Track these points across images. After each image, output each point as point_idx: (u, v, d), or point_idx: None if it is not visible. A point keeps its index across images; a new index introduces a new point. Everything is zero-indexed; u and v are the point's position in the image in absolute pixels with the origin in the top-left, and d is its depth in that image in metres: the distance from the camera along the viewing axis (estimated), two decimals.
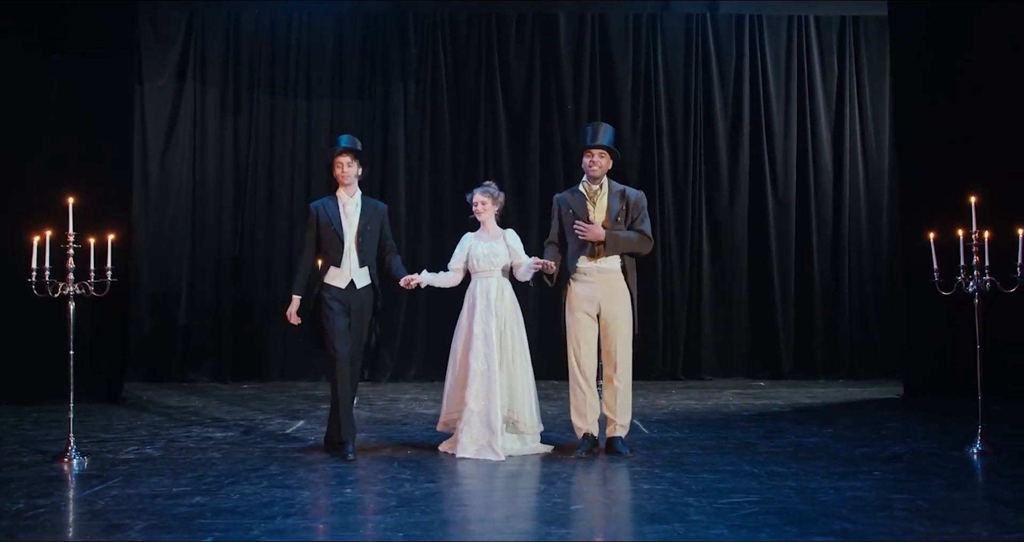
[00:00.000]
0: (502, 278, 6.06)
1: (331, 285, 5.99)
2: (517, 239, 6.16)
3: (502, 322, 5.96)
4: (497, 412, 5.80)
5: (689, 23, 10.69)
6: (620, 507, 4.82)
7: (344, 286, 5.98)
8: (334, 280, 5.99)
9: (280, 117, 10.52)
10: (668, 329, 10.43)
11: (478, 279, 6.06)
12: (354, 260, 5.99)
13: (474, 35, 10.61)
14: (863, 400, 8.66)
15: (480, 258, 6.03)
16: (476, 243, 6.10)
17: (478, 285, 6.04)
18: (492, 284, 6.01)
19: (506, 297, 6.03)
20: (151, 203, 10.32)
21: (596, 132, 5.99)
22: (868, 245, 10.68)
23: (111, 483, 5.08)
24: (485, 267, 6.03)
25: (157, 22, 10.39)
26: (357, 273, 6.01)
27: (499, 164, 10.49)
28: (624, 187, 6.07)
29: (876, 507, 4.55)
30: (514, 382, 5.95)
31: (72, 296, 5.85)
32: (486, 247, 6.05)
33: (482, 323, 5.92)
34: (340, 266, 5.98)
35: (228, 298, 10.33)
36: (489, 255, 6.02)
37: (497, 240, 6.09)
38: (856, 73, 10.73)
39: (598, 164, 5.95)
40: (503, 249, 6.06)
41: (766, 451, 6.04)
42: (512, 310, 6.04)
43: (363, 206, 6.07)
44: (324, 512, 4.63)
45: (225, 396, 8.98)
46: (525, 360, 6.04)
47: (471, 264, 6.08)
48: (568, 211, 5.99)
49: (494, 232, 6.13)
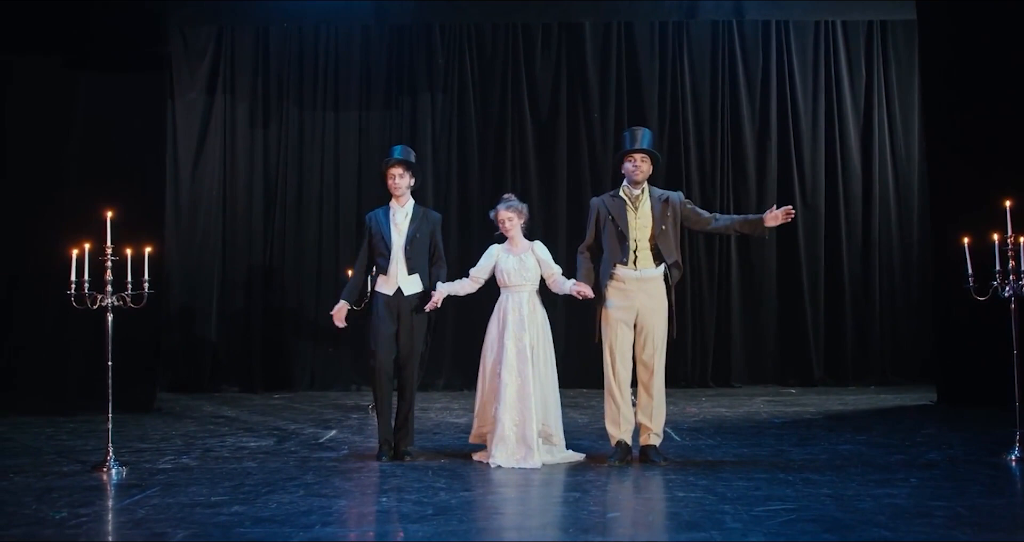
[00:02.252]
0: (533, 293, 6.05)
1: (380, 292, 6.11)
2: (546, 250, 6.14)
3: (535, 336, 5.96)
4: (533, 427, 5.80)
5: (715, 30, 10.69)
6: (656, 515, 4.81)
7: (392, 293, 6.06)
8: (382, 287, 6.11)
9: (309, 129, 10.62)
10: (697, 336, 10.40)
11: (509, 293, 6.03)
12: (402, 268, 6.06)
13: (500, 45, 10.66)
14: (896, 407, 8.60)
15: (511, 273, 6.01)
16: (505, 256, 6.07)
17: (509, 299, 6.02)
18: (524, 298, 5.99)
19: (537, 311, 6.02)
20: (182, 215, 10.44)
21: (636, 137, 5.97)
22: (899, 250, 10.61)
23: (150, 492, 5.14)
24: (517, 282, 6.01)
25: (187, 37, 10.53)
26: (405, 281, 6.06)
27: (527, 173, 10.53)
28: (666, 192, 6.01)
29: (915, 514, 4.51)
30: (547, 396, 5.97)
31: (110, 308, 5.92)
32: (516, 261, 6.03)
33: (515, 337, 5.91)
34: (387, 274, 6.07)
35: (258, 309, 10.42)
36: (520, 269, 6.00)
37: (526, 253, 6.07)
38: (884, 78, 10.68)
39: (640, 169, 5.92)
40: (533, 262, 6.04)
41: (800, 458, 6.00)
42: (543, 324, 6.04)
43: (413, 215, 6.15)
44: (362, 521, 4.66)
45: (256, 406, 9.05)
46: (554, 374, 6.06)
47: (501, 278, 6.06)
48: (608, 217, 5.93)
49: (523, 245, 6.10)
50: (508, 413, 5.83)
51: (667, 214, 5.89)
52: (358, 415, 8.23)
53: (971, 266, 6.14)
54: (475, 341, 6.53)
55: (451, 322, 10.23)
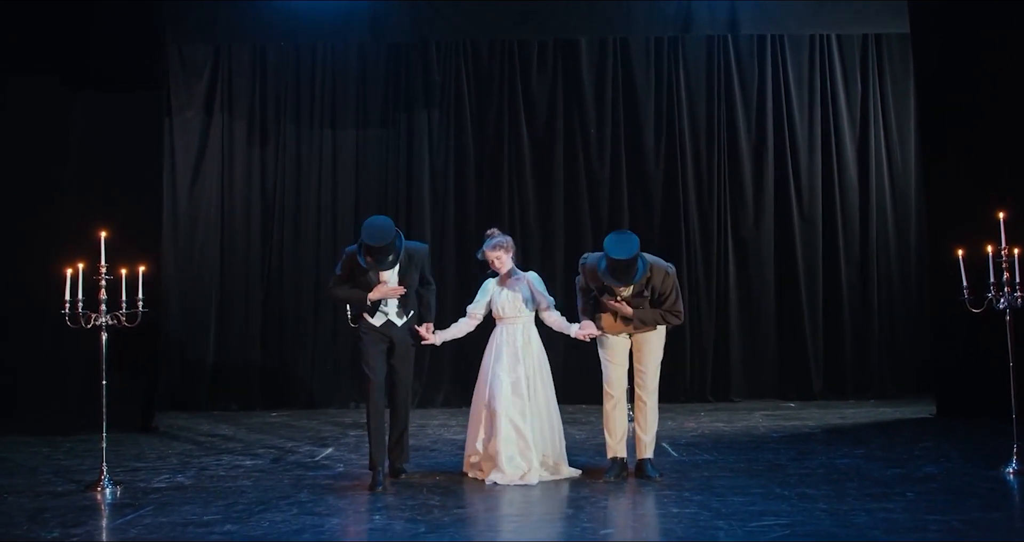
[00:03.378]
0: (528, 324, 6.04)
1: (369, 322, 5.96)
2: (540, 281, 6.13)
3: (530, 369, 5.95)
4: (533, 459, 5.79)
5: (710, 45, 10.71)
6: (650, 531, 4.80)
7: (379, 325, 5.96)
8: (371, 319, 5.96)
9: (306, 147, 10.64)
10: (696, 351, 10.37)
11: (503, 326, 6.03)
12: (392, 309, 5.97)
13: (496, 62, 10.69)
14: (895, 420, 8.56)
15: (505, 305, 6.00)
16: (499, 290, 6.07)
17: (504, 332, 6.01)
18: (518, 330, 5.99)
19: (532, 343, 6.03)
20: (180, 234, 10.45)
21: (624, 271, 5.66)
22: (896, 263, 10.59)
23: (143, 512, 5.12)
24: (511, 314, 6.00)
25: (184, 57, 10.57)
26: (394, 315, 5.98)
27: (523, 189, 10.54)
28: (653, 261, 5.84)
29: (910, 528, 4.49)
30: (548, 428, 5.96)
31: (104, 326, 5.93)
32: (510, 294, 6.02)
33: (508, 369, 5.91)
34: (374, 316, 5.95)
35: (256, 327, 10.40)
36: (514, 301, 6.00)
37: (521, 283, 6.07)
38: (880, 91, 10.69)
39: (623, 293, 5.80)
40: (528, 294, 6.04)
41: (797, 473, 5.98)
42: (539, 355, 6.03)
43: (400, 266, 5.91)
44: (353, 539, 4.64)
45: (254, 424, 9.03)
46: (554, 403, 6.06)
47: (496, 311, 6.05)
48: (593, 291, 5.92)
49: (516, 277, 6.10)
50: (504, 447, 5.80)
51: (646, 284, 5.77)
52: (356, 433, 8.20)
53: (966, 278, 6.14)
54: (474, 357, 6.52)
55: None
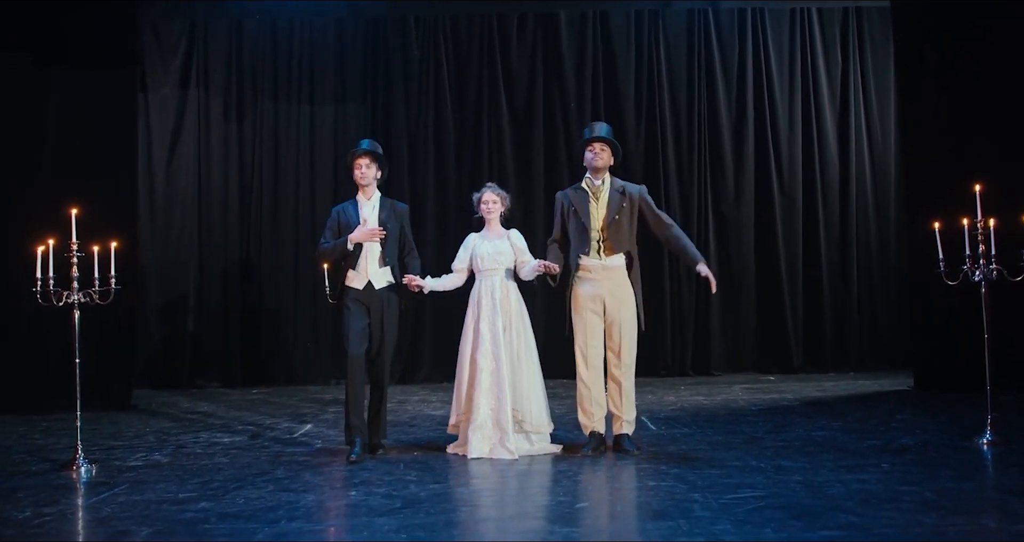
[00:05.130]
0: (506, 277, 6.06)
1: (350, 286, 6.04)
2: (521, 238, 6.17)
3: (507, 319, 5.96)
4: (507, 411, 5.81)
5: (691, 18, 10.65)
6: (625, 504, 4.81)
7: (362, 287, 6.02)
8: (352, 282, 6.05)
9: (284, 123, 10.55)
10: (676, 325, 10.39)
11: (482, 278, 6.06)
12: (372, 261, 6.03)
13: (475, 36, 10.60)
14: (873, 393, 8.62)
15: (484, 257, 6.03)
16: (480, 242, 6.11)
17: (483, 283, 6.04)
18: (496, 282, 6.01)
19: (511, 295, 6.03)
20: (157, 211, 10.36)
21: (594, 128, 6.09)
22: (876, 237, 10.62)
23: (118, 490, 5.10)
24: (490, 266, 6.03)
25: (159, 31, 10.43)
26: (375, 274, 6.03)
27: (503, 163, 10.49)
28: (624, 183, 6.07)
29: (883, 500, 4.52)
30: (519, 380, 5.94)
31: (77, 305, 5.87)
32: (490, 246, 6.06)
33: (488, 321, 5.94)
34: (357, 268, 6.03)
35: (236, 304, 10.36)
36: (494, 254, 6.03)
37: (502, 239, 6.10)
38: (860, 65, 10.66)
39: (600, 156, 5.99)
40: (508, 248, 6.07)
41: (774, 445, 6.01)
42: (517, 308, 6.04)
43: (381, 206, 6.15)
44: (329, 515, 4.64)
45: (234, 401, 9.00)
46: (532, 358, 6.04)
47: (476, 263, 6.08)
48: (571, 209, 6.01)
49: (498, 232, 6.15)
50: (484, 398, 5.84)
51: (623, 205, 5.94)
52: (335, 409, 8.18)
53: (942, 251, 6.16)
54: (454, 333, 6.50)
55: (430, 314, 10.20)
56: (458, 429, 6.07)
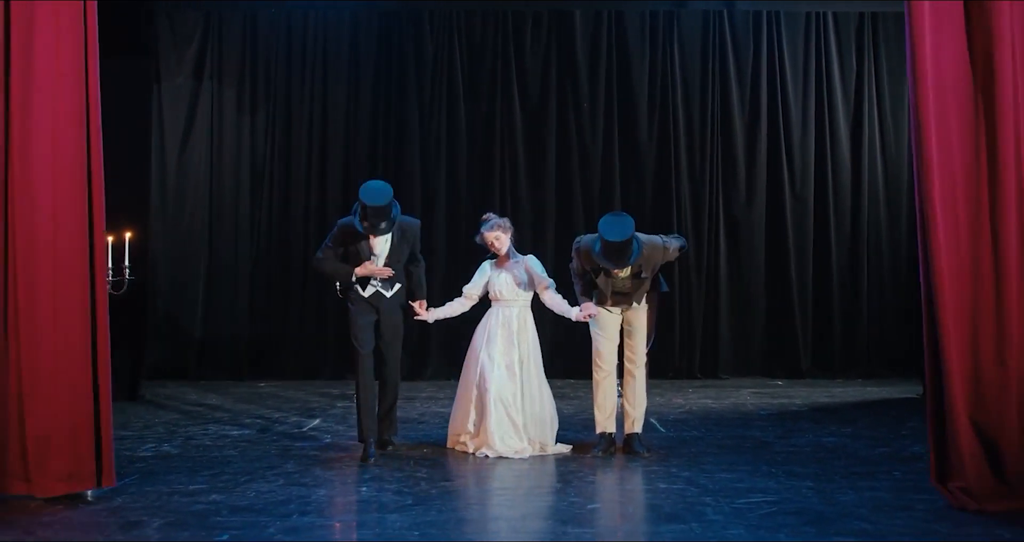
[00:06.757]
0: (524, 307, 6.01)
1: (358, 292, 5.94)
2: (539, 263, 6.10)
3: (524, 353, 5.93)
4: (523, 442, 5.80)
5: (706, 20, 10.62)
6: (637, 506, 4.81)
7: (369, 296, 5.94)
8: (360, 291, 5.95)
9: (296, 115, 10.52)
10: (685, 328, 10.36)
11: (500, 308, 6.00)
12: (380, 282, 5.94)
13: (490, 33, 10.58)
14: (882, 399, 8.59)
15: (503, 288, 5.97)
16: (497, 272, 6.02)
17: (499, 313, 5.98)
18: (514, 313, 5.96)
19: (528, 327, 6.00)
20: (168, 202, 10.35)
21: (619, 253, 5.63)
22: (888, 242, 10.58)
23: (128, 481, 5.10)
24: (509, 297, 5.96)
25: (174, 22, 10.41)
26: (384, 287, 5.94)
27: (515, 162, 10.46)
28: (648, 240, 5.83)
29: (896, 507, 4.51)
30: (540, 412, 5.94)
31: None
32: (508, 276, 5.99)
33: (504, 353, 5.89)
34: (365, 289, 5.93)
35: (245, 296, 10.34)
36: (512, 284, 5.97)
37: (519, 266, 6.03)
38: (875, 69, 10.62)
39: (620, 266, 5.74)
40: (525, 277, 6.00)
41: (784, 451, 6.00)
42: (533, 341, 6.01)
43: (393, 237, 5.89)
44: (340, 510, 4.63)
45: (242, 394, 9.00)
46: (546, 387, 6.04)
47: (494, 293, 6.01)
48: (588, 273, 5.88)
49: (515, 259, 6.06)
50: (496, 429, 5.79)
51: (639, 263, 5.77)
52: (343, 404, 8.18)
53: None
54: (463, 331, 6.49)
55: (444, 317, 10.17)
56: (456, 445, 6.03)
